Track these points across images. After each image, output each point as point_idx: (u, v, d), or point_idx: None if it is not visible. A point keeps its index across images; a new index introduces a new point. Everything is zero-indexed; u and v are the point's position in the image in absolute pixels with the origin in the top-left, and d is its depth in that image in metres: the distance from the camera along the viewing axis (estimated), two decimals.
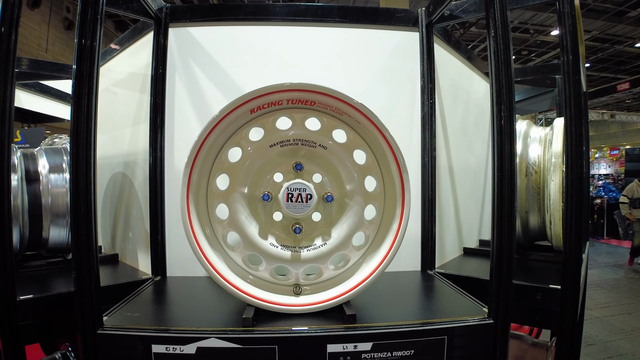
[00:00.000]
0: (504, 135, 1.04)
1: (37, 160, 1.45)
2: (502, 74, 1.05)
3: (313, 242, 1.13)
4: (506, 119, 1.04)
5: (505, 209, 1.04)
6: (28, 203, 1.39)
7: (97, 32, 1.01)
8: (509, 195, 1.04)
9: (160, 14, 1.44)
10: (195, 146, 1.08)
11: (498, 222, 1.05)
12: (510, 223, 1.05)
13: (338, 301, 1.10)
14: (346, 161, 1.12)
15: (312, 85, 1.09)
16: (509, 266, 1.05)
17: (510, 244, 1.05)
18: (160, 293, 1.31)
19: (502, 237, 1.05)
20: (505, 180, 1.04)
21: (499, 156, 1.05)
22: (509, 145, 1.04)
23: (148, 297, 1.26)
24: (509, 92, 1.04)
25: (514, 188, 1.04)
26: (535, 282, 1.33)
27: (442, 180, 1.66)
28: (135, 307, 1.18)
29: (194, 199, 1.11)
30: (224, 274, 1.10)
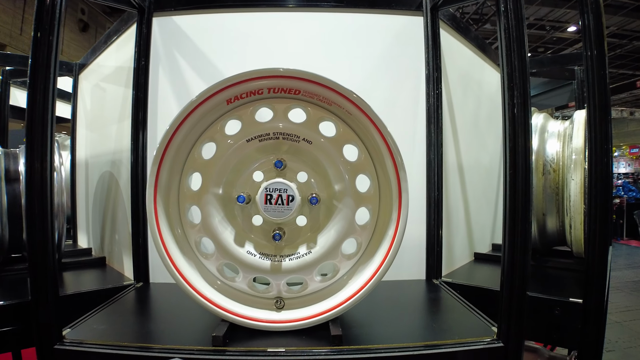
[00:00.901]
0: (518, 127, 0.85)
1: (18, 159, 1.32)
2: (515, 55, 0.85)
3: (297, 250, 0.95)
4: (520, 107, 0.84)
5: (519, 213, 0.85)
6: (7, 203, 1.26)
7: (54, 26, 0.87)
8: (523, 197, 0.84)
9: (144, 3, 1.29)
10: (163, 142, 0.92)
11: (510, 229, 0.86)
12: (525, 230, 0.85)
13: (323, 318, 0.92)
14: (335, 157, 0.94)
15: (295, 70, 0.92)
16: (522, 280, 0.86)
17: (525, 254, 0.86)
18: (137, 302, 1.16)
19: (514, 247, 0.85)
20: (519, 179, 0.84)
21: (511, 151, 0.85)
22: (524, 138, 0.84)
23: (122, 306, 1.11)
24: (523, 76, 0.84)
25: (529, 188, 0.85)
26: (553, 294, 1.13)
27: (451, 179, 1.46)
28: (105, 318, 1.03)
29: (163, 200, 0.95)
30: (195, 285, 0.94)
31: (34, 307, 0.88)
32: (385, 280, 1.34)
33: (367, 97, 1.34)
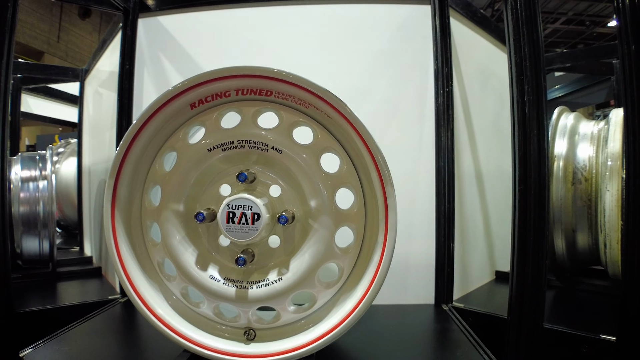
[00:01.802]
0: (529, 131, 0.65)
1: (11, 168, 1.26)
2: (524, 39, 0.66)
3: (266, 277, 0.80)
4: (532, 104, 0.65)
5: (531, 237, 0.65)
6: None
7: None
8: (537, 219, 0.64)
9: (128, 4, 1.18)
10: (120, 152, 0.80)
11: (519, 259, 0.66)
12: (538, 259, 0.65)
13: (296, 355, 0.76)
14: (310, 169, 0.78)
15: (261, 68, 0.77)
16: (534, 323, 0.66)
17: (538, 288, 0.66)
18: (112, 321, 1.05)
19: (524, 283, 0.65)
20: (530, 197, 0.64)
21: (521, 161, 0.66)
22: (537, 145, 0.64)
23: (95, 325, 1.01)
24: (536, 65, 0.65)
25: (545, 207, 0.65)
26: (579, 328, 0.91)
27: (467, 189, 1.25)
28: (73, 337, 0.92)
29: (123, 215, 0.83)
30: (154, 308, 0.81)
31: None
32: (388, 304, 1.18)
33: (366, 97, 1.18)
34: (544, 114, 0.67)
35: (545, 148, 0.67)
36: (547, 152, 0.67)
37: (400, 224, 1.17)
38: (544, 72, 0.69)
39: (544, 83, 0.68)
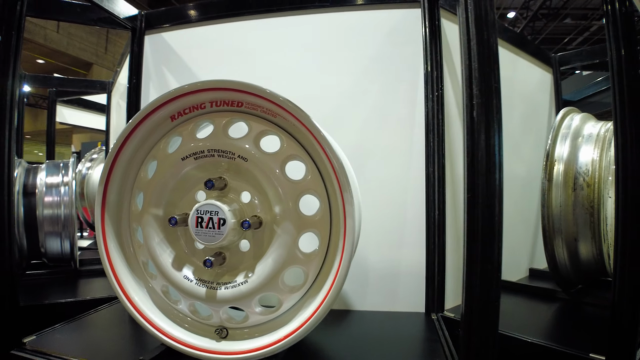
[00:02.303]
0: (477, 135, 0.66)
1: (37, 174, 1.43)
2: (473, 25, 0.67)
3: (234, 279, 0.86)
4: (480, 108, 0.66)
5: (479, 248, 0.66)
6: (24, 215, 1.37)
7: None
8: (484, 227, 0.65)
9: (135, 23, 1.30)
10: (108, 161, 0.90)
11: (468, 270, 0.67)
12: (487, 270, 0.66)
13: (258, 355, 0.82)
14: (273, 176, 0.83)
15: (226, 81, 0.83)
16: (485, 334, 0.66)
17: (488, 300, 0.66)
18: (111, 315, 1.16)
19: (472, 295, 0.67)
20: (479, 205, 0.65)
21: (469, 167, 0.67)
22: (486, 149, 0.65)
23: (95, 318, 1.12)
24: (488, 61, 0.66)
25: (495, 216, 0.65)
26: (571, 345, 0.89)
27: (462, 195, 1.23)
28: (72, 328, 1.04)
29: (113, 219, 0.93)
30: (137, 303, 0.90)
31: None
32: (379, 310, 1.20)
33: (356, 104, 1.22)
34: (494, 118, 0.67)
35: (495, 154, 0.67)
36: (497, 159, 0.67)
37: (391, 231, 1.21)
38: (496, 75, 0.70)
39: (495, 84, 0.68)
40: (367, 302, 1.22)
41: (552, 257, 1.12)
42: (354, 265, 1.22)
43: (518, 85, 1.43)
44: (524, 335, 0.95)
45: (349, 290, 1.24)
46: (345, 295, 1.24)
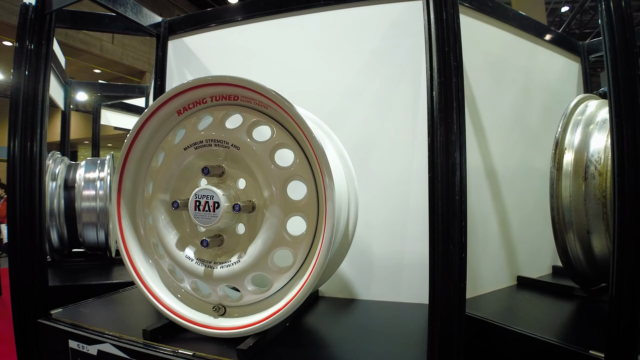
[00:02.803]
0: (436, 115, 0.70)
1: (77, 170, 1.63)
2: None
3: (230, 259, 0.95)
4: (441, 87, 0.69)
5: (439, 226, 0.70)
6: (64, 207, 1.56)
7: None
8: (444, 206, 0.69)
9: (159, 29, 1.46)
10: (123, 153, 1.03)
11: (432, 249, 0.71)
12: (449, 247, 0.69)
13: (245, 331, 0.90)
14: (262, 163, 0.91)
15: (221, 77, 0.93)
16: (448, 317, 0.70)
17: (448, 281, 0.70)
18: (131, 295, 1.29)
19: (434, 275, 0.70)
20: (438, 182, 0.69)
21: (429, 154, 0.71)
22: (445, 130, 0.69)
23: (117, 298, 1.26)
24: (450, 37, 0.70)
25: (456, 195, 0.69)
26: (573, 343, 0.87)
27: (474, 187, 1.25)
28: (94, 304, 1.19)
29: (128, 204, 1.06)
30: (146, 280, 1.01)
31: (15, 290, 1.08)
32: (382, 300, 1.24)
33: (359, 96, 1.27)
34: (454, 97, 0.70)
35: (453, 133, 0.70)
36: (457, 138, 0.70)
37: (394, 222, 1.25)
38: (457, 53, 0.72)
39: (454, 63, 0.71)
40: (372, 292, 1.26)
41: (564, 251, 1.10)
42: (359, 255, 1.28)
43: (537, 74, 1.40)
44: (523, 329, 0.95)
45: (354, 280, 1.28)
46: (350, 285, 1.29)
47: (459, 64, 0.71)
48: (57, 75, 2.12)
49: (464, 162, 0.70)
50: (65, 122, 2.20)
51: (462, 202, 0.69)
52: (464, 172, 0.70)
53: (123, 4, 1.32)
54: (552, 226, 1.10)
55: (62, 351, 1.00)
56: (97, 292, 1.29)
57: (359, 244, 1.28)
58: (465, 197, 0.70)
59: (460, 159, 0.70)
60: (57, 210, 1.55)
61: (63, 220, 1.57)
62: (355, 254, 1.28)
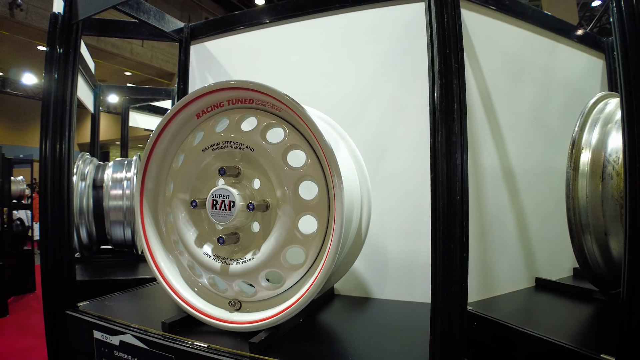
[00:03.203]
0: (438, 117, 0.73)
1: (105, 171, 1.73)
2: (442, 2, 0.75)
3: (245, 256, 1.00)
4: (441, 89, 0.73)
5: (441, 225, 0.73)
6: (93, 205, 1.67)
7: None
8: (444, 206, 0.72)
9: (181, 35, 1.53)
10: (145, 154, 1.11)
11: (434, 247, 0.74)
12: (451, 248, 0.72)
13: (256, 326, 0.95)
14: (275, 163, 0.97)
15: (237, 82, 0.99)
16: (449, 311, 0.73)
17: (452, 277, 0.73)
18: (154, 290, 1.37)
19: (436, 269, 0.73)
20: (439, 183, 0.72)
21: (432, 155, 0.74)
22: (446, 137, 0.72)
23: (141, 292, 1.34)
24: (449, 38, 0.73)
25: (456, 196, 0.72)
26: (583, 345, 0.88)
27: (490, 187, 1.26)
28: (119, 298, 1.27)
29: (150, 203, 1.13)
30: (167, 275, 1.08)
31: (46, 285, 1.18)
32: (396, 299, 1.27)
33: (374, 97, 1.31)
34: (455, 99, 0.73)
35: (455, 134, 0.72)
36: (459, 139, 0.72)
37: (409, 222, 1.27)
38: (458, 56, 0.75)
39: (455, 65, 0.74)
40: (387, 291, 1.30)
41: (581, 253, 1.10)
42: (374, 254, 1.31)
43: (558, 72, 1.39)
44: (536, 331, 0.96)
45: (369, 278, 1.32)
46: (365, 284, 1.32)
47: (460, 66, 0.73)
48: (87, 80, 2.25)
49: (465, 163, 0.73)
50: (94, 124, 2.34)
51: (464, 203, 0.72)
52: (465, 173, 0.72)
53: (146, 11, 1.40)
54: (569, 227, 1.10)
55: (87, 340, 1.08)
56: (123, 287, 1.38)
57: (374, 243, 1.32)
58: (467, 197, 0.73)
59: (462, 160, 0.73)
60: (86, 209, 1.65)
61: (92, 219, 1.67)
62: (370, 253, 1.32)
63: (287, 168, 0.96)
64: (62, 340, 1.18)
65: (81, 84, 2.03)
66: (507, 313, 1.11)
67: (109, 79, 11.83)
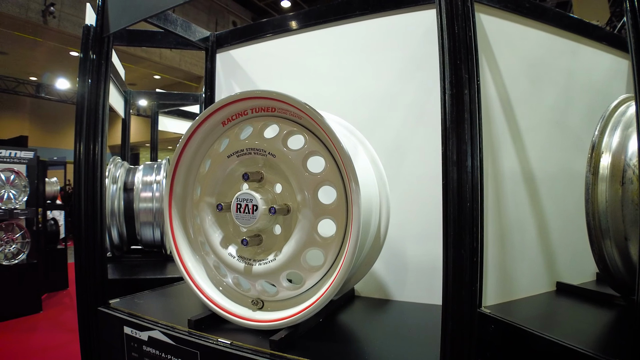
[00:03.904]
0: (449, 125, 0.77)
1: (136, 174, 1.83)
2: (452, 12, 0.80)
3: (267, 257, 1.07)
4: (451, 99, 0.77)
5: (451, 233, 0.77)
6: (124, 207, 1.77)
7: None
8: (455, 212, 0.76)
9: (207, 43, 1.62)
10: (173, 160, 1.19)
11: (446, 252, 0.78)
12: (460, 247, 0.76)
13: (276, 325, 1.01)
14: (296, 169, 1.02)
15: (259, 91, 1.05)
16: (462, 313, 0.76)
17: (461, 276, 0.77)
18: (181, 289, 1.46)
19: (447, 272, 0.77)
20: (450, 190, 0.76)
21: (443, 163, 0.78)
22: (457, 145, 0.76)
23: (169, 291, 1.43)
24: (459, 49, 0.77)
25: (467, 202, 0.75)
26: (598, 350, 0.90)
27: (510, 191, 1.28)
28: (149, 296, 1.36)
29: (179, 206, 1.21)
30: (193, 275, 1.16)
31: (81, 284, 1.27)
32: (416, 301, 1.31)
33: (394, 102, 1.35)
34: (465, 109, 0.76)
35: (465, 143, 0.76)
36: (468, 148, 0.76)
37: (429, 225, 1.31)
38: (469, 66, 0.78)
39: (466, 75, 0.77)
40: (406, 294, 1.33)
41: (600, 258, 1.11)
42: (394, 257, 1.35)
43: (580, 75, 1.39)
44: (552, 335, 0.98)
45: (389, 281, 1.36)
46: (385, 286, 1.37)
47: (471, 76, 0.77)
48: (117, 86, 2.37)
49: (476, 171, 0.76)
50: (125, 128, 2.48)
51: (474, 209, 0.75)
52: (476, 181, 0.76)
53: (173, 22, 1.49)
54: (588, 232, 1.11)
55: (118, 336, 1.17)
56: (151, 286, 1.47)
57: (394, 246, 1.36)
58: (477, 204, 0.76)
59: (472, 168, 0.76)
60: (118, 211, 1.76)
61: (123, 220, 1.78)
62: (390, 256, 1.36)
63: (307, 173, 1.02)
64: (94, 336, 1.27)
65: (112, 90, 2.15)
66: (525, 317, 1.13)
67: (138, 82, 12.25)
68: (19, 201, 4.75)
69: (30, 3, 8.68)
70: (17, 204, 4.76)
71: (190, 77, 12.20)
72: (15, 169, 4.83)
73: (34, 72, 11.84)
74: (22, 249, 5.10)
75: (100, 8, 1.29)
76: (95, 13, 1.33)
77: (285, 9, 12.89)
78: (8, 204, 4.72)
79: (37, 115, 13.11)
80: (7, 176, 4.73)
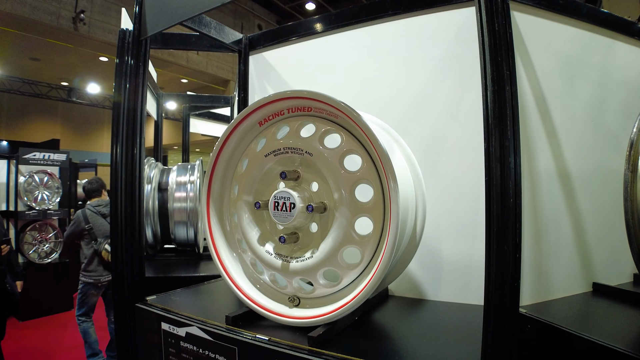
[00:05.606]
0: (491, 122, 0.77)
1: (170, 174, 1.88)
2: (492, 10, 0.81)
3: (304, 254, 1.08)
4: (494, 95, 0.77)
5: (495, 228, 0.77)
6: (158, 207, 1.82)
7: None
8: (498, 208, 0.76)
9: (240, 46, 1.65)
10: (212, 160, 1.22)
11: (488, 249, 0.78)
12: (504, 245, 0.76)
13: (313, 322, 1.02)
14: (333, 167, 1.04)
15: (296, 91, 1.07)
16: (504, 311, 0.76)
17: (504, 277, 0.76)
18: (215, 287, 1.49)
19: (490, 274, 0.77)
20: (494, 186, 0.76)
21: (485, 159, 0.79)
22: (500, 141, 0.76)
23: (203, 288, 1.46)
24: (500, 46, 0.77)
25: (510, 198, 0.75)
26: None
27: (545, 190, 1.26)
28: (183, 293, 1.39)
29: (216, 205, 1.24)
30: (230, 272, 1.18)
31: (119, 281, 1.31)
32: (450, 301, 1.30)
33: (428, 101, 1.36)
34: (507, 105, 0.76)
35: (508, 139, 0.76)
36: (511, 144, 0.76)
37: (464, 224, 1.31)
38: (510, 63, 0.78)
39: (507, 72, 0.77)
40: (441, 293, 1.33)
41: (639, 258, 1.09)
42: (428, 256, 1.35)
43: (616, 71, 1.36)
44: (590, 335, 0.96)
45: (424, 280, 1.36)
46: (419, 285, 1.37)
47: (512, 73, 0.77)
48: (151, 89, 2.44)
49: (518, 167, 0.76)
50: (157, 130, 2.54)
51: (517, 205, 0.75)
52: (518, 177, 0.76)
53: (207, 25, 1.53)
54: (627, 231, 1.09)
55: (156, 331, 1.20)
56: (185, 284, 1.50)
57: (429, 245, 1.36)
58: (520, 200, 0.76)
59: (515, 164, 0.76)
60: (152, 210, 1.81)
61: (157, 219, 1.83)
62: (425, 255, 1.36)
63: (344, 172, 1.03)
64: (132, 331, 1.31)
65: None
66: (562, 317, 1.11)
67: (166, 86, 12.53)
68: (52, 202, 4.92)
69: (62, 11, 8.98)
70: (50, 205, 4.93)
71: (217, 80, 12.41)
72: (48, 171, 5.01)
73: (66, 77, 12.23)
74: (55, 249, 5.29)
75: (137, 12, 1.33)
76: (132, 18, 1.37)
77: (310, 11, 12.97)
78: (42, 205, 4.90)
79: (69, 118, 13.53)
80: (41, 178, 4.91)
